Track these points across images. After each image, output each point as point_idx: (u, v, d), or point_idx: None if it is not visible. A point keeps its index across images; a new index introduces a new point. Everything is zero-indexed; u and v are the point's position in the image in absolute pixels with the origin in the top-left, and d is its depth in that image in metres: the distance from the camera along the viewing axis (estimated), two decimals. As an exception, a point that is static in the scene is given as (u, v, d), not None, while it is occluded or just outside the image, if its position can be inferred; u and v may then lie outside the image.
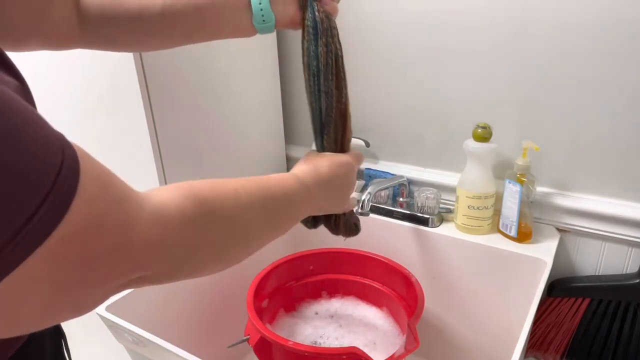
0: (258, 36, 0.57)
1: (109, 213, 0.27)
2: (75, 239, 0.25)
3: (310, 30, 0.52)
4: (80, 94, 0.84)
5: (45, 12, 0.47)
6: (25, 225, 0.23)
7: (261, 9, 0.50)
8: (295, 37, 0.55)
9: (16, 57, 0.32)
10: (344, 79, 0.55)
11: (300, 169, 0.52)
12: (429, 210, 0.93)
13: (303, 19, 0.53)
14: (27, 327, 0.27)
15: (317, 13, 0.52)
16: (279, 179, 0.48)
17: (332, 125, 0.55)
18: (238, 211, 0.40)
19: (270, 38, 1.04)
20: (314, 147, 0.60)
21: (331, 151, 0.57)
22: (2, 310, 0.25)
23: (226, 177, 0.41)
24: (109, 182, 0.28)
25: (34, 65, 0.72)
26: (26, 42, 0.26)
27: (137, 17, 0.49)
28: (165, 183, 0.84)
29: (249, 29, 0.53)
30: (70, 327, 0.52)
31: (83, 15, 0.49)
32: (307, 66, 0.54)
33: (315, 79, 0.53)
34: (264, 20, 0.51)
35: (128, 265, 0.29)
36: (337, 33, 0.53)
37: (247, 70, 0.99)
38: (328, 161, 0.54)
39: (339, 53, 0.53)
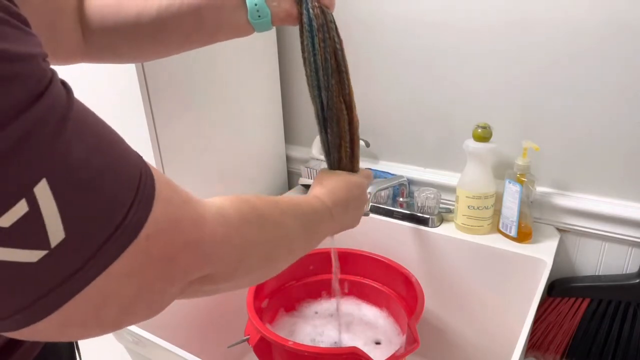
0: (258, 35, 0.56)
1: (182, 212, 0.30)
2: (157, 236, 0.28)
3: (306, 26, 0.51)
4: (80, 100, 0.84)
5: (55, 24, 0.47)
6: (122, 222, 0.25)
7: (255, 4, 0.50)
8: (295, 36, 0.55)
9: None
10: (346, 72, 0.54)
11: (319, 192, 0.53)
12: (429, 210, 0.93)
13: (300, 14, 0.52)
14: (108, 327, 0.28)
15: (311, 9, 0.51)
16: (304, 198, 0.50)
17: (334, 120, 0.55)
18: (283, 219, 0.43)
19: (270, 38, 1.04)
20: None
21: (338, 154, 0.57)
22: (91, 310, 0.26)
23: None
24: (175, 187, 0.31)
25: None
26: None
27: (135, 23, 0.50)
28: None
29: (246, 27, 0.52)
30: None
31: (86, 26, 0.50)
32: (307, 62, 0.53)
33: (315, 74, 0.53)
34: (259, 16, 0.51)
35: (200, 260, 0.32)
36: (335, 27, 0.52)
37: (247, 71, 0.99)
38: (344, 183, 0.55)
39: (338, 47, 0.53)
